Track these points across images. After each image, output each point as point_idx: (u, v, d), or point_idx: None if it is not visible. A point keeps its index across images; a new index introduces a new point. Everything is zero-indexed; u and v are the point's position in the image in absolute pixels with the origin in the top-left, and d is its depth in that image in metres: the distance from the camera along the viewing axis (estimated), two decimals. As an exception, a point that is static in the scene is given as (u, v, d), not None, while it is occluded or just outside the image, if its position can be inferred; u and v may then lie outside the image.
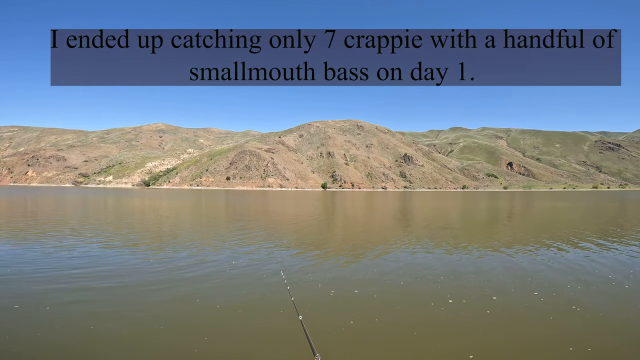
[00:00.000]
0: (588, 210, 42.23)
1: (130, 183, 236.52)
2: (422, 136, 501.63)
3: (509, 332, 6.45)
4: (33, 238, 16.22)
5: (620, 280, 10.06)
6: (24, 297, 8.06)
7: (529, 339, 6.14)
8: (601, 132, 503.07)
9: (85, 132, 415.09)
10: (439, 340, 6.08)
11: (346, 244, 16.12)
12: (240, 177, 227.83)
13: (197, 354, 5.53)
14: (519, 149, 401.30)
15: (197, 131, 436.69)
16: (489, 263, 12.17)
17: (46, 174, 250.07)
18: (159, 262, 11.76)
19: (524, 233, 20.57)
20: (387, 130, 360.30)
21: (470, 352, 5.66)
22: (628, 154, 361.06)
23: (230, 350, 5.68)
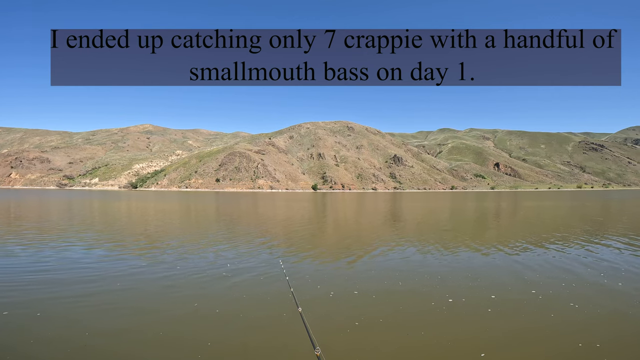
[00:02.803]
0: (574, 209, 43.12)
1: (117, 185, 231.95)
2: (411, 137, 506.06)
3: (516, 330, 6.48)
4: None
5: (614, 276, 10.24)
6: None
7: (538, 336, 6.19)
8: (585, 133, 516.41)
9: (70, 133, 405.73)
10: (449, 340, 6.07)
11: (340, 245, 16.07)
12: (230, 179, 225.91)
13: (198, 352, 5.41)
14: (505, 149, 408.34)
15: (185, 132, 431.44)
16: (483, 262, 12.27)
17: (30, 176, 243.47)
18: (151, 267, 11.50)
19: (514, 232, 20.86)
20: (377, 132, 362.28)
21: (481, 350, 5.67)
22: (611, 155, 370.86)
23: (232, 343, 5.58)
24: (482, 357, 5.46)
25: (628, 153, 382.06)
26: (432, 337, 6.16)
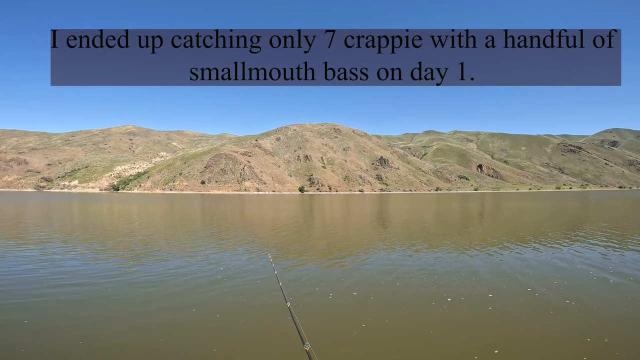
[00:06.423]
0: (556, 209, 44.32)
1: (98, 187, 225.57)
2: (397, 139, 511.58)
3: (520, 327, 6.55)
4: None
5: (603, 274, 10.50)
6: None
7: (544, 333, 6.28)
8: (563, 135, 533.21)
9: (48, 134, 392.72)
10: (459, 338, 6.09)
11: (333, 247, 15.96)
12: (215, 181, 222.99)
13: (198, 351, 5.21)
14: (488, 151, 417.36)
15: (170, 134, 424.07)
16: (476, 261, 12.40)
17: (6, 178, 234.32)
18: (143, 273, 11.15)
19: (502, 232, 21.24)
20: (363, 134, 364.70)
21: (494, 347, 5.72)
22: (588, 156, 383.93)
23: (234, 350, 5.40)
24: (495, 353, 5.48)
25: (605, 155, 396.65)
26: (442, 337, 6.14)
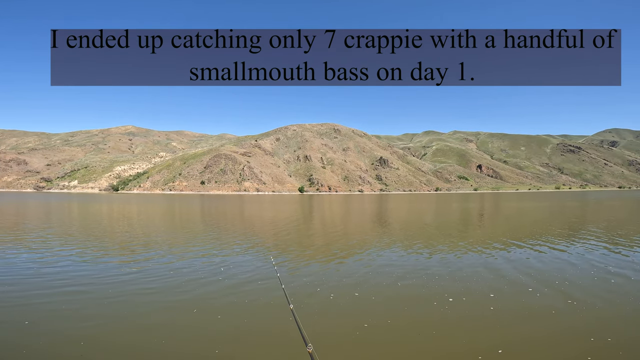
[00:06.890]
0: (556, 209, 44.34)
1: (97, 188, 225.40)
2: (397, 139, 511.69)
3: (523, 327, 6.54)
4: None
5: (604, 274, 10.50)
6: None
7: (547, 333, 6.27)
8: (562, 135, 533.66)
9: (48, 134, 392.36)
10: (462, 338, 6.08)
11: (334, 248, 15.94)
12: (215, 181, 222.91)
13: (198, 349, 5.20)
14: (487, 151, 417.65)
15: (169, 134, 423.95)
16: (476, 261, 12.39)
17: (6, 178, 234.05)
18: (144, 274, 11.14)
19: (502, 232, 21.24)
20: (363, 134, 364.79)
21: (498, 347, 5.71)
22: (588, 156, 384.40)
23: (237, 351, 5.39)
24: (499, 353, 5.48)
25: (604, 155, 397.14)
26: (446, 337, 6.13)
